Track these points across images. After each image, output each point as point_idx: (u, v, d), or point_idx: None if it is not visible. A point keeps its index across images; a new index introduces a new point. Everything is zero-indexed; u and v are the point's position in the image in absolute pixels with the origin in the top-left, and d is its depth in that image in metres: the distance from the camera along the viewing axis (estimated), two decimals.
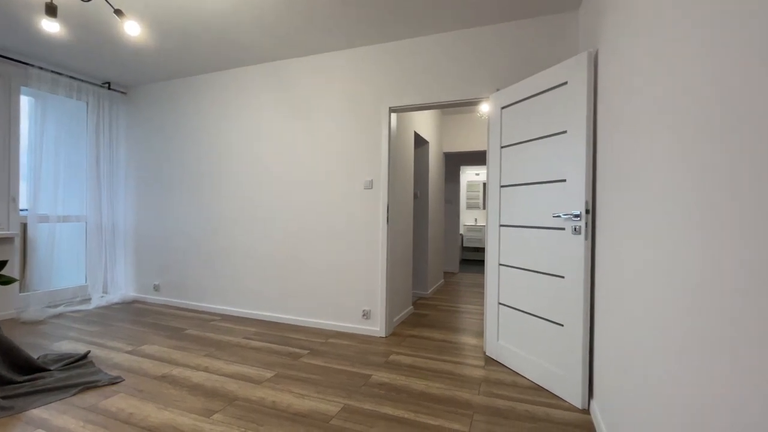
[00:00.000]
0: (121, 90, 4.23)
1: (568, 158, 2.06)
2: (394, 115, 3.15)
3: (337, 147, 3.26)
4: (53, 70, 3.62)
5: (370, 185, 3.13)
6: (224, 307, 3.73)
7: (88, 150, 3.98)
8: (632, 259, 1.32)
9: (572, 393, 2.01)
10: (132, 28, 2.33)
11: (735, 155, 0.70)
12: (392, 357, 2.65)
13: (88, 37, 3.07)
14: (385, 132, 3.09)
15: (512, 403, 2.03)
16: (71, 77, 3.75)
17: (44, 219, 3.62)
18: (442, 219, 5.51)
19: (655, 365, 1.08)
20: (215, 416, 1.86)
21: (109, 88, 4.08)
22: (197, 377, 2.29)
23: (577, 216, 1.98)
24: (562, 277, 2.07)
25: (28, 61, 3.45)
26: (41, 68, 3.52)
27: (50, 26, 2.24)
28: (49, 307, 3.65)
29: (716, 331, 0.75)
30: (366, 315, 3.13)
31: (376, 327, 3.11)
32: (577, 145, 2.01)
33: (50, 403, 1.95)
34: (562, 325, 2.06)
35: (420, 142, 4.57)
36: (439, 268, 5.30)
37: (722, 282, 0.73)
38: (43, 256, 3.61)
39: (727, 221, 0.72)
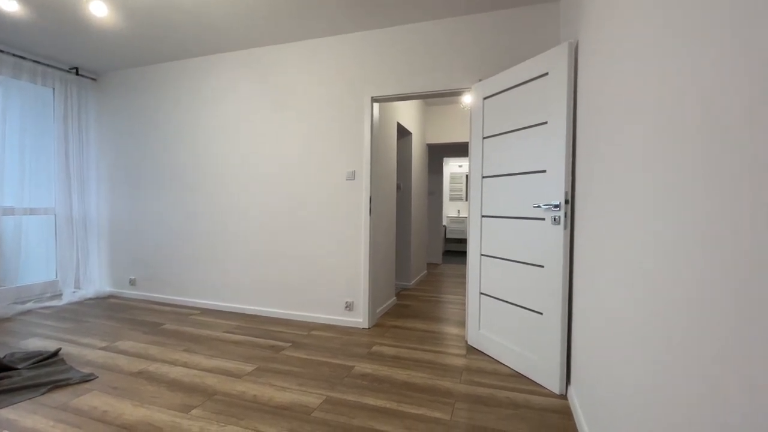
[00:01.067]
0: (91, 76, 4.03)
1: (549, 149, 2.07)
2: (376, 105, 3.11)
3: (318, 137, 3.20)
4: (15, 53, 3.41)
5: (352, 176, 3.09)
6: (204, 301, 3.65)
7: (56, 139, 3.79)
8: (606, 248, 1.34)
9: (551, 379, 2.05)
10: (98, 9, 2.21)
11: (712, 150, 0.71)
12: (375, 348, 2.65)
13: (52, 18, 2.89)
14: (368, 122, 3.04)
15: (493, 391, 2.06)
16: (35, 61, 3.54)
17: (9, 211, 3.44)
18: (426, 211, 5.52)
19: (623, 351, 1.10)
20: (194, 411, 1.82)
21: (77, 74, 3.87)
22: (175, 373, 2.24)
23: (556, 206, 2.01)
24: (542, 266, 2.10)
25: None
26: (1, 51, 3.30)
27: (7, 4, 2.10)
28: (17, 303, 3.49)
29: (683, 321, 0.77)
30: (349, 306, 3.12)
31: (359, 318, 3.10)
32: (557, 135, 2.02)
33: (18, 403, 1.87)
34: (542, 314, 2.10)
35: (403, 133, 4.54)
36: (422, 260, 5.33)
37: (686, 274, 0.74)
38: (8, 250, 3.44)
39: (699, 213, 0.73)
